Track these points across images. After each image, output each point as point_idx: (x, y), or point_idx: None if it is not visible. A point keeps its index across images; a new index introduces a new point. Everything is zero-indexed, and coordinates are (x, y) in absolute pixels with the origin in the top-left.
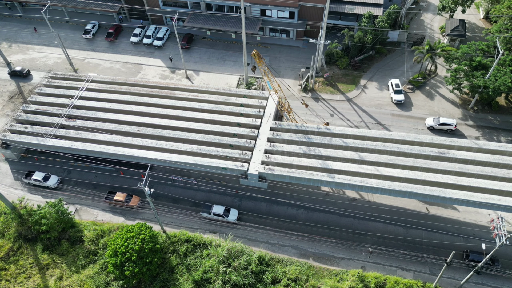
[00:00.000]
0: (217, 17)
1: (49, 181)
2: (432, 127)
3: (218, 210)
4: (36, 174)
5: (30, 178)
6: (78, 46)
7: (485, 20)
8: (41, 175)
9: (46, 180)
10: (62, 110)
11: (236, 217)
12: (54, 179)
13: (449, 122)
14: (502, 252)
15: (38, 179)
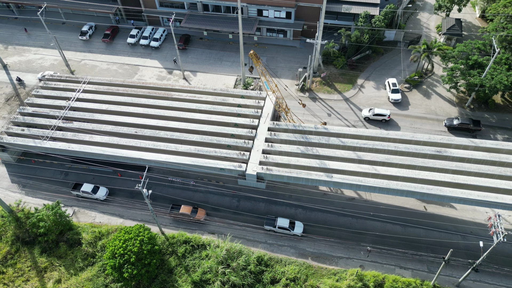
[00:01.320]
0: (214, 18)
1: (98, 193)
2: (368, 118)
3: (283, 223)
4: (84, 186)
5: (78, 190)
6: (75, 48)
7: (481, 19)
8: (90, 187)
9: (95, 192)
10: (59, 112)
11: (302, 229)
12: (103, 191)
13: (383, 113)
14: (500, 250)
15: (88, 191)
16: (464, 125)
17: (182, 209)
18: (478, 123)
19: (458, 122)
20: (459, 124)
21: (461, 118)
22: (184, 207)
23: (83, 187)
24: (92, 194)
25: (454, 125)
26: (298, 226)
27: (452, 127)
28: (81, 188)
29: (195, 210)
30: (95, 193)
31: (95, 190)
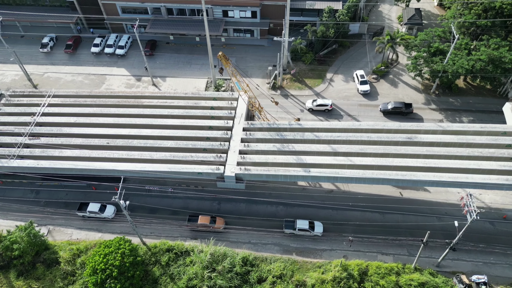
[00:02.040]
0: (179, 21)
1: (106, 212)
2: (311, 109)
3: (303, 225)
4: (91, 205)
5: (85, 211)
6: (36, 61)
7: (439, 7)
8: (97, 206)
9: (102, 211)
10: (24, 129)
11: (322, 229)
12: (111, 209)
13: (325, 103)
14: (474, 228)
15: (95, 210)
16: (397, 108)
17: (200, 219)
18: (409, 105)
19: (392, 106)
20: (393, 108)
21: (394, 102)
22: (202, 217)
23: (90, 207)
24: (100, 214)
25: (388, 109)
26: (318, 226)
27: (386, 112)
28: (87, 209)
29: (213, 220)
30: (103, 212)
31: (102, 209)
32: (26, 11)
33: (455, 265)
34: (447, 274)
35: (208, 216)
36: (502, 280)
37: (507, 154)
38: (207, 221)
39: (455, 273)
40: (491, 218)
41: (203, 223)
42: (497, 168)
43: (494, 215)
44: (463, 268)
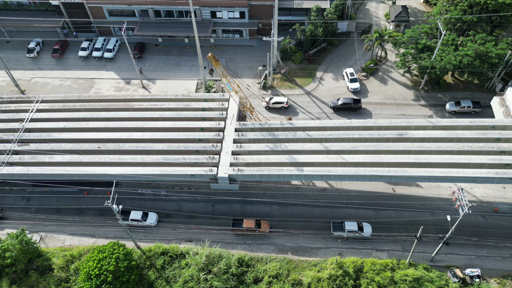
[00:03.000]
0: (167, 23)
1: (148, 220)
2: (268, 107)
3: (352, 226)
4: (132, 213)
5: (127, 219)
6: (23, 66)
7: (425, 4)
8: (139, 214)
9: (145, 219)
10: (13, 135)
11: (370, 229)
12: (153, 216)
13: (280, 101)
14: (466, 221)
15: (137, 218)
16: (346, 104)
17: (246, 223)
18: (358, 101)
19: (341, 102)
20: (342, 104)
21: (343, 98)
22: (247, 221)
23: (132, 215)
24: (143, 222)
25: (338, 105)
26: (366, 227)
27: (336, 108)
28: (129, 217)
29: (259, 223)
30: (145, 220)
31: (144, 217)
32: (11, 16)
33: (449, 259)
34: (441, 268)
35: (253, 220)
36: (495, 272)
37: (496, 147)
38: (252, 224)
39: (449, 267)
40: (482, 212)
41: (249, 227)
42: (487, 162)
43: (485, 209)
44: (457, 262)
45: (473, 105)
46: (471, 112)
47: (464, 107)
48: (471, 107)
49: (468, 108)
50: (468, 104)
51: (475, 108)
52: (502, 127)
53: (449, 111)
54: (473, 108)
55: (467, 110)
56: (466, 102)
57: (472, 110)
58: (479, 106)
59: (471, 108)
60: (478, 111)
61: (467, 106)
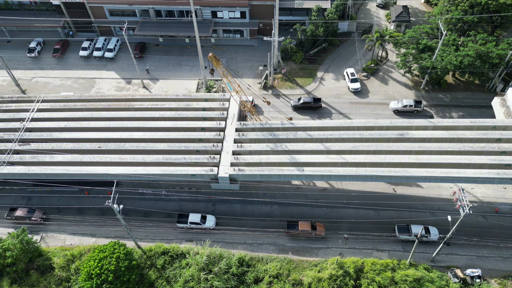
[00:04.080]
0: (168, 23)
1: (207, 222)
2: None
3: (418, 230)
4: (191, 216)
5: (184, 222)
6: (24, 66)
7: (426, 4)
8: (198, 216)
9: (204, 221)
10: (14, 135)
11: (437, 232)
12: (212, 219)
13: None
14: (467, 222)
15: (196, 221)
16: (306, 104)
17: (301, 226)
18: (318, 100)
19: (302, 102)
20: (302, 104)
21: (303, 97)
22: (302, 223)
23: (191, 218)
24: (202, 224)
25: (298, 104)
26: (433, 230)
27: (297, 107)
28: (188, 220)
29: (314, 226)
30: (204, 223)
31: (203, 220)
32: (11, 16)
33: (450, 260)
34: (441, 268)
35: (308, 222)
36: (496, 273)
37: (497, 148)
38: (308, 227)
39: (449, 267)
40: (483, 212)
41: (305, 229)
42: (487, 162)
43: (486, 209)
44: (457, 262)
45: (415, 104)
46: (413, 111)
47: (406, 106)
48: (412, 106)
49: (410, 107)
50: (410, 103)
51: (416, 107)
52: (503, 127)
53: (392, 110)
54: (415, 107)
55: (409, 109)
56: (408, 101)
57: (414, 109)
58: (420, 105)
59: (413, 107)
60: (420, 110)
61: (409, 105)
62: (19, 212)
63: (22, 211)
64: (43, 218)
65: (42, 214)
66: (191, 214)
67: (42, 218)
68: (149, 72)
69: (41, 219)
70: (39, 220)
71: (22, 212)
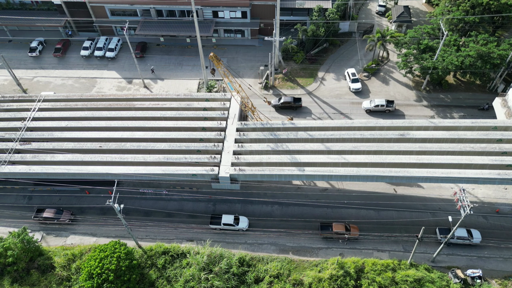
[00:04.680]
0: (169, 23)
1: (240, 224)
2: None
3: (462, 233)
4: (224, 218)
5: (219, 223)
6: (25, 65)
7: (427, 4)
8: (231, 218)
9: (237, 222)
10: (15, 134)
11: (479, 235)
12: (245, 220)
13: None
14: (468, 222)
15: (230, 222)
16: (286, 103)
17: (335, 227)
18: (299, 100)
19: (281, 101)
20: (282, 103)
21: (284, 97)
22: (336, 225)
23: (224, 219)
24: (235, 226)
25: (278, 104)
26: (475, 233)
27: (277, 107)
28: (222, 221)
29: (348, 227)
30: (237, 224)
31: (236, 221)
32: (13, 15)
33: (450, 260)
34: (442, 269)
35: (342, 224)
36: (497, 273)
37: (498, 148)
38: (342, 228)
39: (450, 268)
40: (484, 213)
41: (339, 230)
42: (488, 163)
43: (487, 209)
44: (458, 263)
45: (387, 104)
46: (385, 111)
47: (378, 105)
48: (384, 105)
49: (382, 107)
50: (382, 103)
51: (388, 107)
52: (504, 128)
53: (364, 110)
54: (387, 107)
55: (381, 109)
56: (380, 101)
57: (386, 109)
58: (392, 105)
59: (385, 107)
60: (391, 110)
61: (380, 105)
62: (47, 213)
63: (50, 212)
64: (71, 219)
65: (70, 215)
66: (224, 216)
67: (70, 219)
68: (154, 72)
69: (69, 220)
70: (67, 221)
71: (50, 213)
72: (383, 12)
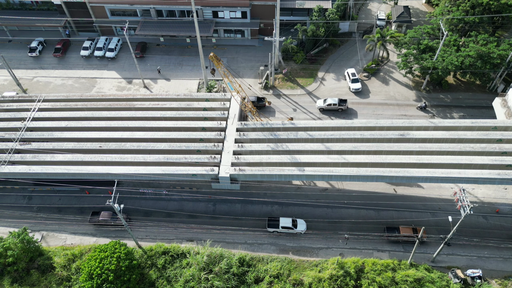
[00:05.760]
0: (169, 23)
1: (299, 226)
2: None
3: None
4: (282, 220)
5: (277, 226)
6: (25, 65)
7: (427, 4)
8: (288, 220)
9: (295, 225)
10: (15, 134)
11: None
12: (303, 223)
13: None
14: (468, 222)
15: (288, 225)
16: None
17: (402, 230)
18: (261, 99)
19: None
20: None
21: (249, 96)
22: (403, 228)
23: (282, 222)
24: (294, 229)
25: None
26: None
27: None
28: (280, 224)
29: (415, 230)
30: (296, 227)
31: (294, 224)
32: (13, 15)
33: (450, 260)
34: (442, 269)
35: (409, 227)
36: (497, 273)
37: (498, 148)
38: (410, 231)
39: (450, 268)
40: (484, 213)
41: (407, 233)
42: (488, 163)
43: (487, 209)
44: (458, 263)
45: (339, 102)
46: (337, 110)
47: (331, 104)
48: (336, 104)
49: (334, 105)
50: (334, 102)
51: (341, 106)
52: (504, 128)
53: (318, 108)
54: (339, 105)
55: (333, 107)
56: (332, 100)
57: (339, 107)
58: (345, 104)
59: (337, 106)
60: (344, 109)
61: (333, 103)
62: (104, 216)
63: (107, 214)
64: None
65: (125, 218)
66: (282, 218)
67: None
68: (160, 72)
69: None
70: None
71: (107, 216)
72: (383, 26)
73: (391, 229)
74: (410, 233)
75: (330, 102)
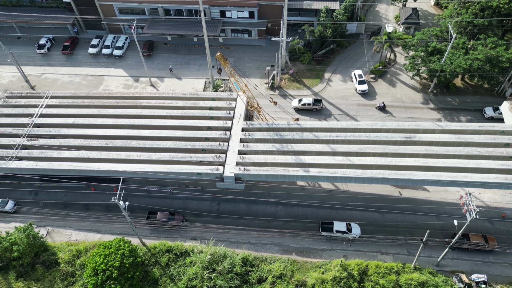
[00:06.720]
0: (177, 22)
1: (353, 230)
2: None
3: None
4: (336, 224)
5: (331, 230)
6: (33, 62)
7: (436, 6)
8: (343, 224)
9: (350, 230)
10: (22, 130)
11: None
12: (357, 227)
13: None
14: (473, 227)
15: (343, 230)
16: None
17: (473, 237)
18: (319, 101)
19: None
20: None
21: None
22: (473, 236)
23: (337, 227)
24: (348, 233)
25: None
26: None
27: None
28: (334, 228)
29: (485, 238)
30: (351, 232)
31: (349, 228)
32: (22, 12)
33: (455, 264)
34: (446, 273)
35: (480, 235)
36: (502, 279)
37: (505, 153)
38: (481, 239)
39: (454, 272)
40: (490, 217)
41: (478, 241)
42: (495, 167)
43: (493, 214)
44: (463, 267)
45: (314, 102)
46: (312, 109)
47: (305, 104)
48: (311, 104)
49: (309, 105)
50: (309, 102)
51: (315, 106)
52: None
53: (293, 108)
54: (314, 105)
55: (308, 107)
56: (307, 100)
57: (313, 107)
58: (320, 103)
59: (312, 106)
60: (318, 109)
61: (307, 103)
62: (160, 217)
63: (163, 215)
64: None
65: (182, 219)
66: (336, 222)
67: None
68: (172, 71)
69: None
70: (180, 225)
71: (163, 216)
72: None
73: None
74: (481, 241)
75: (305, 102)
